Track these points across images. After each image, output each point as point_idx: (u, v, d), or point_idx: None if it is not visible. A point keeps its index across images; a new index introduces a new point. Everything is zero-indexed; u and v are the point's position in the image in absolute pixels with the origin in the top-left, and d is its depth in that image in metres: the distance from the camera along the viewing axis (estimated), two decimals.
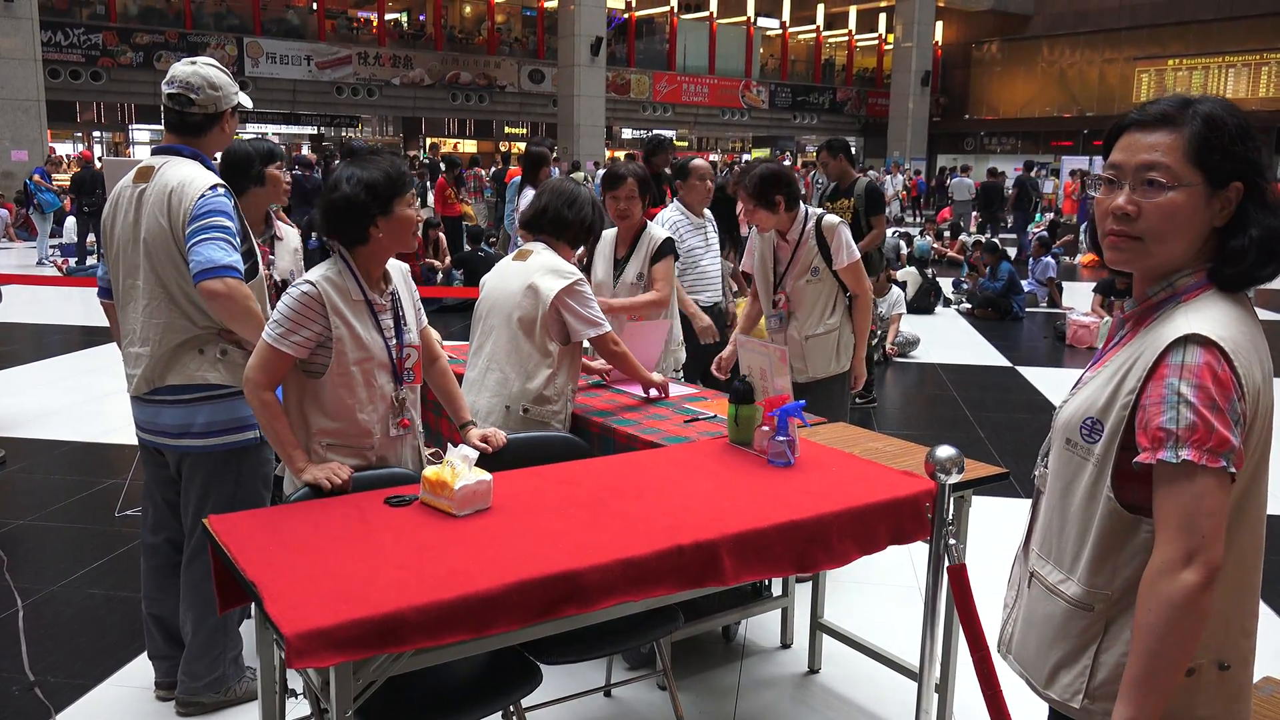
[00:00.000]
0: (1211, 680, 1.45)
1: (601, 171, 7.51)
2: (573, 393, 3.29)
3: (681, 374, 4.30)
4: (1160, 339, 1.42)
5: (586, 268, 4.15)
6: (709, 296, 4.87)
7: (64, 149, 24.34)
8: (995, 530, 4.49)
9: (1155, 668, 1.36)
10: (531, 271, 3.20)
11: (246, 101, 3.00)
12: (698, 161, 4.97)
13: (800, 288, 3.95)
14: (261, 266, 2.92)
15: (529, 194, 6.75)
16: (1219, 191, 1.42)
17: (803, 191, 4.80)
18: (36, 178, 14.88)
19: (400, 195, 2.51)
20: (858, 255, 3.94)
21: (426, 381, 2.86)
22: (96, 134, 26.88)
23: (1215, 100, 1.46)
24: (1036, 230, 16.52)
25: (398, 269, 2.72)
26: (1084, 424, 1.49)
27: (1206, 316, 1.40)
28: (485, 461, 2.58)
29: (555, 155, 7.04)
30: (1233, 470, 1.35)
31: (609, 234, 4.15)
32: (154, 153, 2.89)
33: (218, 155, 3.04)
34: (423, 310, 2.81)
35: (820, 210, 4.02)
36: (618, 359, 3.36)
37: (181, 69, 2.84)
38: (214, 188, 2.73)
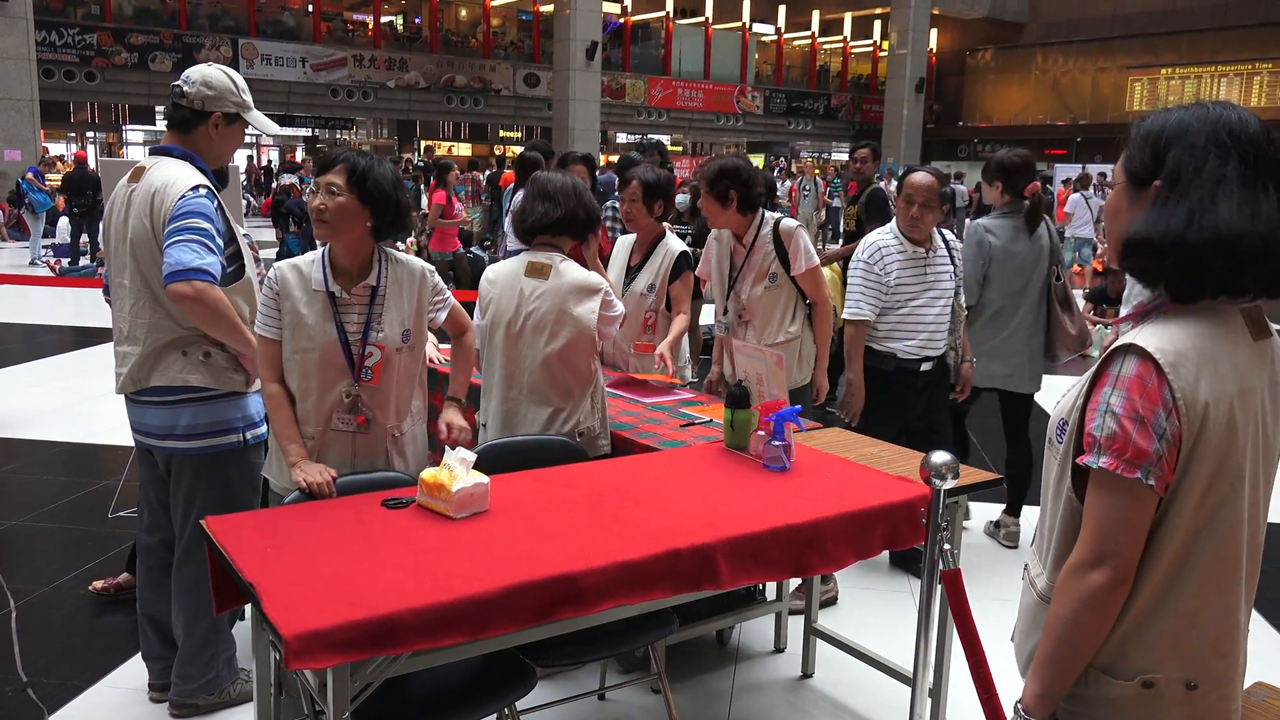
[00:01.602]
0: (1176, 699, 1.45)
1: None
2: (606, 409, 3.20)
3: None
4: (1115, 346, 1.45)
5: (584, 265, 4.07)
6: (915, 346, 3.93)
7: (57, 149, 24.26)
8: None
9: (1063, 653, 1.47)
10: (562, 296, 3.02)
11: (259, 122, 2.94)
12: (914, 175, 3.95)
13: (758, 295, 3.77)
14: (249, 267, 2.90)
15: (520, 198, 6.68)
16: (1143, 190, 1.45)
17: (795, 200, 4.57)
18: (30, 176, 14.84)
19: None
20: (817, 261, 3.78)
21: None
22: (90, 134, 26.81)
23: (1194, 106, 1.44)
24: None
25: (408, 270, 2.67)
26: (1058, 424, 1.53)
27: (1159, 329, 1.42)
28: (483, 465, 2.58)
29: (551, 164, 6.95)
30: (1151, 483, 1.37)
31: (627, 239, 4.05)
32: (150, 153, 2.90)
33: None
34: (443, 304, 2.77)
35: (779, 215, 3.87)
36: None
37: (194, 67, 2.86)
38: (195, 188, 2.70)
